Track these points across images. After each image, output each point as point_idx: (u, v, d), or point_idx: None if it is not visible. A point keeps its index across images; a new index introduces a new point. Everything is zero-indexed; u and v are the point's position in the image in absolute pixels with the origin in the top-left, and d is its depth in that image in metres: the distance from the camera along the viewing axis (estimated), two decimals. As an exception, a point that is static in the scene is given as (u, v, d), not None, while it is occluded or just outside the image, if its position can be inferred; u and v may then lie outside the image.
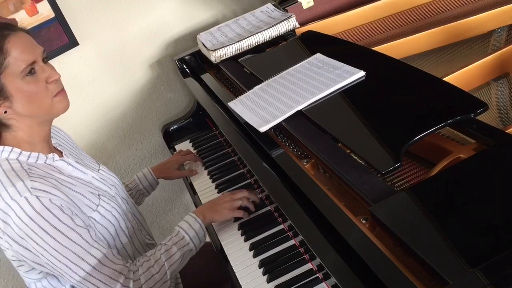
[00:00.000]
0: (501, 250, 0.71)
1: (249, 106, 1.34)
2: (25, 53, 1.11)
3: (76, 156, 1.34)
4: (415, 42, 1.50)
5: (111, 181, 1.36)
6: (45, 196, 1.08)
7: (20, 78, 1.11)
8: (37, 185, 1.09)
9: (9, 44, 1.10)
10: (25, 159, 1.16)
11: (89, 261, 1.12)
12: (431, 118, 1.02)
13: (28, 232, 1.08)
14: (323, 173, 1.14)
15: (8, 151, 1.16)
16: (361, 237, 0.90)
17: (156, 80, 2.05)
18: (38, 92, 1.13)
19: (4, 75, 1.10)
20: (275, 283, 1.13)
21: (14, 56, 1.10)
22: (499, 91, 1.31)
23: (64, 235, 1.10)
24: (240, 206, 1.32)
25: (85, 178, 1.27)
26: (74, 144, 1.43)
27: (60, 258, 1.10)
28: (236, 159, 1.61)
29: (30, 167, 1.15)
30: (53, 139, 1.31)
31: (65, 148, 1.33)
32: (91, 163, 1.38)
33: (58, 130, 1.41)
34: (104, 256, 1.14)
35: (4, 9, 1.70)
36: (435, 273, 0.73)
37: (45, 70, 1.15)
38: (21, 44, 1.12)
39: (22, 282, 1.99)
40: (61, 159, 1.24)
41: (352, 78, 1.24)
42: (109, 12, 1.88)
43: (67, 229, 1.10)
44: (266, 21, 1.76)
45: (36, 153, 1.18)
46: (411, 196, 0.87)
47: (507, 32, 1.46)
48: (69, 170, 1.24)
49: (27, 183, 1.09)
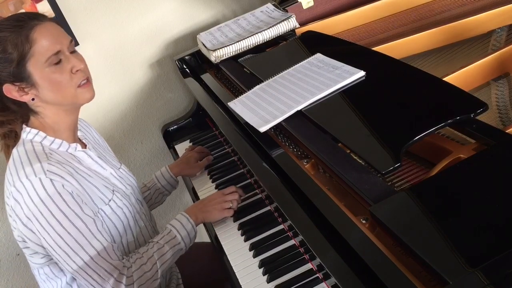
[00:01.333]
0: (501, 250, 0.71)
1: (249, 106, 1.34)
2: (50, 42, 1.14)
3: (99, 152, 1.36)
4: (415, 42, 1.50)
5: (128, 181, 1.38)
6: (58, 180, 1.11)
7: (46, 67, 1.14)
8: (53, 168, 1.13)
9: (36, 33, 1.13)
10: (48, 143, 1.20)
11: (89, 251, 1.13)
12: (431, 118, 1.02)
13: (35, 213, 1.10)
14: (323, 173, 1.14)
15: (34, 134, 1.20)
16: (361, 237, 0.90)
17: (156, 80, 2.05)
18: (62, 81, 1.16)
19: (30, 64, 1.13)
20: (275, 283, 1.13)
21: (40, 45, 1.13)
22: (499, 91, 1.31)
23: (69, 221, 1.12)
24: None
25: (103, 173, 1.29)
26: (100, 140, 1.46)
27: (62, 244, 1.12)
28: (236, 159, 1.61)
29: (51, 152, 1.19)
30: (80, 132, 1.35)
31: (90, 142, 1.36)
32: (113, 161, 1.40)
33: (87, 125, 1.45)
34: (104, 249, 1.15)
35: (4, 9, 1.70)
36: (435, 273, 0.73)
37: (70, 60, 1.17)
38: (47, 34, 1.14)
39: (22, 282, 2.00)
40: (83, 151, 1.27)
41: (352, 78, 1.24)
42: (109, 12, 1.88)
43: (74, 216, 1.12)
44: (266, 21, 1.76)
45: (60, 140, 1.22)
46: (411, 196, 0.87)
47: (507, 32, 1.46)
48: (88, 162, 1.27)
49: (44, 165, 1.12)
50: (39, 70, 1.14)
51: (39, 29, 1.14)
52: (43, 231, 1.12)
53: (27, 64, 1.13)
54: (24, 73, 1.13)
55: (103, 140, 1.49)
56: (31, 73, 1.14)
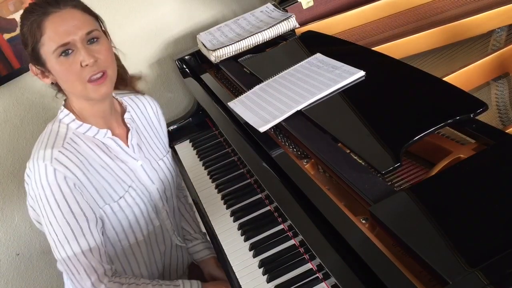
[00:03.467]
0: (501, 250, 0.71)
1: (249, 106, 1.34)
2: (59, 33, 1.10)
3: (143, 138, 1.35)
4: (415, 42, 1.50)
5: (162, 174, 1.36)
6: (62, 171, 1.12)
7: (55, 57, 1.12)
8: (62, 158, 1.13)
9: (48, 22, 1.10)
10: (75, 126, 1.21)
11: (73, 247, 1.15)
12: (431, 118, 1.02)
13: (37, 195, 1.14)
14: (323, 173, 1.14)
15: (65, 114, 1.21)
16: (361, 237, 0.90)
17: (156, 80, 2.05)
18: (69, 74, 1.13)
19: (43, 51, 1.13)
20: (275, 283, 1.13)
21: (49, 35, 1.11)
22: (499, 91, 1.31)
23: (62, 214, 1.13)
24: None
25: (130, 164, 1.28)
26: (155, 123, 1.43)
27: (51, 231, 1.15)
28: (236, 159, 1.61)
29: (74, 137, 1.19)
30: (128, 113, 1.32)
31: (138, 126, 1.35)
32: (158, 149, 1.39)
33: (147, 103, 1.42)
34: (89, 249, 1.16)
35: (4, 9, 1.69)
36: (435, 273, 0.73)
37: (80, 53, 1.12)
38: (59, 24, 1.11)
39: (22, 282, 1.99)
40: (112, 138, 1.25)
41: (352, 78, 1.24)
42: (109, 12, 1.88)
43: (68, 211, 1.13)
44: (266, 21, 1.76)
45: (88, 125, 1.22)
46: (411, 196, 0.87)
47: (507, 32, 1.46)
48: (117, 150, 1.26)
49: (54, 152, 1.13)
50: (51, 58, 1.13)
51: (52, 17, 1.11)
52: (41, 214, 1.16)
53: (40, 51, 1.12)
54: (40, 59, 1.14)
55: (161, 123, 1.46)
56: (46, 60, 1.13)
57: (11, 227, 1.92)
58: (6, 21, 1.69)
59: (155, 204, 1.35)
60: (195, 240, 1.49)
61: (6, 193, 1.88)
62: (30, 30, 1.11)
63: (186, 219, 1.53)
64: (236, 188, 1.48)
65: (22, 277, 1.99)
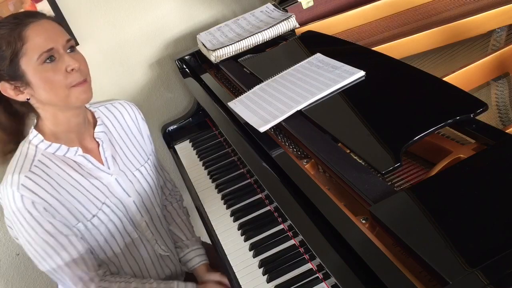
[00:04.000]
0: (501, 250, 0.71)
1: (249, 106, 1.34)
2: (42, 40, 1.11)
3: (120, 148, 1.34)
4: (415, 42, 1.50)
5: (138, 186, 1.34)
6: (29, 197, 1.13)
7: (38, 65, 1.12)
8: (29, 183, 1.13)
9: (29, 31, 1.11)
10: (44, 147, 1.20)
11: (56, 260, 1.18)
12: (431, 118, 1.02)
13: (10, 219, 1.17)
14: (323, 173, 1.14)
15: (34, 135, 1.21)
16: (361, 237, 0.90)
17: (156, 80, 2.05)
18: (54, 80, 1.13)
19: (23, 61, 1.11)
20: (275, 283, 1.13)
21: (32, 43, 1.11)
22: (499, 91, 1.31)
23: (38, 235, 1.15)
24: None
25: (104, 179, 1.27)
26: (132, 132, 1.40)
27: (30, 249, 1.17)
28: (236, 159, 1.61)
29: (43, 158, 1.18)
30: (100, 127, 1.30)
31: (114, 136, 1.33)
32: (136, 158, 1.36)
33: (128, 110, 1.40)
34: (72, 260, 1.18)
35: (4, 9, 1.69)
36: (435, 273, 0.73)
37: (64, 59, 1.14)
38: (41, 31, 1.12)
39: (22, 282, 1.99)
40: (82, 155, 1.24)
41: (352, 78, 1.24)
42: (109, 12, 1.88)
43: (42, 231, 1.15)
44: (266, 21, 1.76)
45: (57, 144, 1.21)
46: (411, 196, 0.87)
47: (507, 32, 1.46)
48: (89, 167, 1.25)
49: (20, 178, 1.13)
50: (32, 68, 1.11)
51: (33, 26, 1.12)
52: (18, 235, 1.18)
53: (20, 62, 1.11)
54: (18, 71, 1.12)
55: (141, 129, 1.42)
56: (25, 71, 1.12)
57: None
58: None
59: (133, 217, 1.34)
60: (185, 248, 1.46)
61: (6, 193, 1.88)
62: (8, 42, 1.10)
63: (178, 224, 1.51)
64: (236, 188, 1.48)
65: (22, 277, 1.99)
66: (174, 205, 1.55)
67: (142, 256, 1.37)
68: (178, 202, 1.56)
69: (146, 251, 1.38)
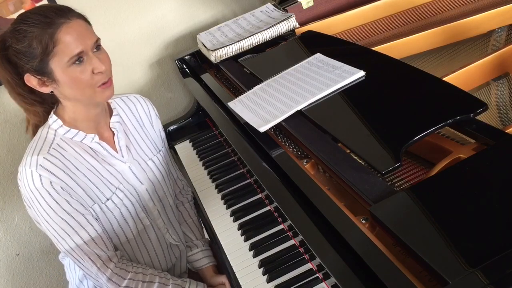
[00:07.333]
0: (501, 250, 0.71)
1: (249, 106, 1.34)
2: (74, 43, 1.14)
3: (134, 138, 1.38)
4: (415, 42, 1.50)
5: (151, 175, 1.39)
6: (47, 176, 1.17)
7: (67, 66, 1.15)
8: (47, 164, 1.18)
9: (61, 33, 1.13)
10: (62, 132, 1.24)
11: (75, 239, 1.21)
12: (431, 118, 1.02)
13: (29, 199, 1.19)
14: (323, 173, 1.14)
15: (54, 120, 1.25)
16: (361, 237, 0.90)
17: (156, 80, 2.05)
18: (81, 81, 1.17)
19: (53, 61, 1.14)
20: (275, 283, 1.13)
21: (63, 45, 1.13)
22: (499, 91, 1.31)
23: (56, 214, 1.19)
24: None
25: (118, 166, 1.31)
26: (147, 123, 1.45)
27: (50, 228, 1.21)
28: (236, 159, 1.61)
29: (61, 142, 1.23)
30: (115, 117, 1.35)
31: (128, 127, 1.38)
32: (149, 149, 1.41)
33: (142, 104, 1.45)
34: (91, 239, 1.22)
35: (4, 9, 1.70)
36: (435, 273, 0.73)
37: (92, 61, 1.17)
38: (72, 34, 1.14)
39: (22, 282, 2.00)
40: (98, 142, 1.28)
41: (352, 78, 1.24)
42: (109, 12, 1.88)
43: (61, 210, 1.19)
44: (266, 21, 1.76)
45: (75, 130, 1.25)
46: (411, 196, 0.87)
47: (507, 32, 1.46)
48: (104, 154, 1.30)
49: (39, 159, 1.17)
50: (60, 68, 1.15)
51: (65, 28, 1.14)
52: (37, 215, 1.21)
53: (50, 62, 1.14)
54: (46, 69, 1.15)
55: (153, 122, 1.46)
56: (53, 69, 1.15)
57: (11, 227, 1.92)
58: (6, 21, 1.69)
59: (145, 204, 1.37)
60: (195, 247, 1.49)
61: (6, 193, 1.88)
62: (40, 42, 1.12)
63: (189, 224, 1.53)
64: (236, 188, 1.48)
65: (22, 277, 1.99)
66: (186, 205, 1.57)
67: (152, 244, 1.40)
68: (189, 202, 1.58)
69: (157, 239, 1.40)
